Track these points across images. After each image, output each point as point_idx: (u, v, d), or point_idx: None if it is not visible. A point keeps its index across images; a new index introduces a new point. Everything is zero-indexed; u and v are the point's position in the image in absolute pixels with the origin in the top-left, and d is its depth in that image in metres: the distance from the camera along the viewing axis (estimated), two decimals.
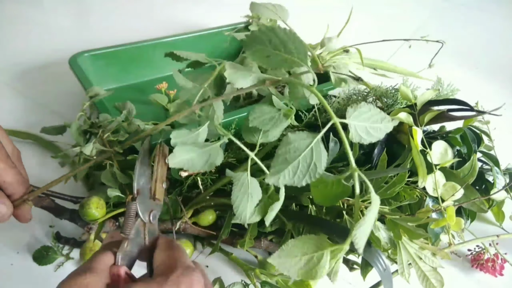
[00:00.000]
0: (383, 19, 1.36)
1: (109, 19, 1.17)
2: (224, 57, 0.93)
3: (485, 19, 1.42)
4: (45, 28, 1.10)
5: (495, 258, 0.61)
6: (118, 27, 1.13)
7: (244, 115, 0.69)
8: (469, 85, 1.00)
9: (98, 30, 1.11)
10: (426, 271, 0.50)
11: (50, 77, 0.91)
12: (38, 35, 1.06)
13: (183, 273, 0.34)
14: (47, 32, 1.08)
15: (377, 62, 0.89)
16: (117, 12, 1.21)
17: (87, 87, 0.72)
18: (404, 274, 0.50)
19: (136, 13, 1.20)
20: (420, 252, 0.51)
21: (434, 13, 1.43)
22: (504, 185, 0.62)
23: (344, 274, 0.59)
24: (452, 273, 0.62)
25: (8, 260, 0.56)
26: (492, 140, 0.65)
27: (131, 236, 0.39)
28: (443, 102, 0.64)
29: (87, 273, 0.34)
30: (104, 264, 0.36)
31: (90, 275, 0.34)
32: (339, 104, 0.71)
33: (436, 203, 0.55)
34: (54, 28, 1.11)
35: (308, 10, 1.35)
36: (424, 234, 0.49)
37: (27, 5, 1.18)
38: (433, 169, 0.54)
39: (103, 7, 1.23)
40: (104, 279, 0.34)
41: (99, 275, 0.34)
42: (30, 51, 1.00)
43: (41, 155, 0.73)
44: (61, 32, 1.09)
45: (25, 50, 1.00)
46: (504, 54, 1.22)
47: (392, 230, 0.51)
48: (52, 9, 1.20)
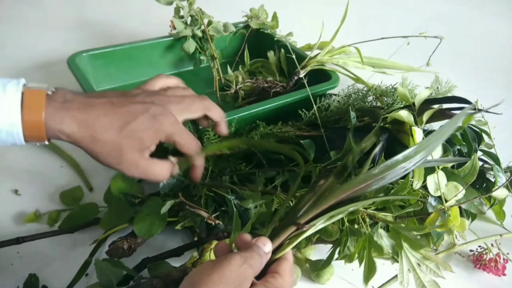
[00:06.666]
0: (383, 19, 1.36)
1: (107, 19, 1.17)
2: (223, 56, 0.93)
3: (485, 19, 1.42)
4: (45, 28, 1.10)
5: (497, 258, 0.61)
6: (117, 27, 1.13)
7: (244, 114, 0.69)
8: (469, 85, 1.00)
9: (96, 30, 1.10)
10: (426, 282, 0.49)
11: (50, 76, 0.91)
12: (37, 35, 1.06)
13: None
14: (47, 31, 1.08)
15: (376, 60, 0.89)
16: (116, 12, 1.21)
17: (85, 87, 0.72)
18: (404, 283, 0.50)
19: (135, 13, 1.20)
20: (422, 262, 0.50)
21: (434, 13, 1.43)
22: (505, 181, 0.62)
23: (344, 274, 0.59)
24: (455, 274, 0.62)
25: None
26: (493, 138, 0.65)
27: None
28: (442, 100, 0.64)
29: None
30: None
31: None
32: (338, 103, 0.71)
33: (439, 202, 0.54)
34: (53, 27, 1.10)
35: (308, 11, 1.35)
36: (426, 245, 0.49)
37: (26, 5, 1.18)
38: (435, 168, 0.54)
39: (102, 7, 1.23)
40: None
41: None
42: (29, 50, 0.99)
43: (41, 154, 0.72)
44: (60, 31, 1.09)
45: (24, 49, 1.00)
46: (504, 54, 1.22)
47: (394, 239, 0.51)
48: (52, 9, 1.20)
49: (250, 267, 0.37)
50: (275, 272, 0.39)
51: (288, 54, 0.84)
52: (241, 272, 0.36)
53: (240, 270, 0.36)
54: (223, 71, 0.89)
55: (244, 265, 0.36)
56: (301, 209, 0.43)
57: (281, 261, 0.40)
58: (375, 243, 0.49)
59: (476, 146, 0.63)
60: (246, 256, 0.37)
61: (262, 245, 0.39)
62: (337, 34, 0.82)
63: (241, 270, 0.36)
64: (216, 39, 0.87)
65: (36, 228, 0.58)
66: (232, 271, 0.35)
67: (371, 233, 0.50)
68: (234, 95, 0.86)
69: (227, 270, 0.35)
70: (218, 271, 0.35)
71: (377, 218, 0.50)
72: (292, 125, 0.67)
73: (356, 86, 0.77)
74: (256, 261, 0.38)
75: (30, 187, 0.66)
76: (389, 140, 0.60)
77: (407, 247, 0.50)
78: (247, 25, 0.96)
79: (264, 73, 0.93)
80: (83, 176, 0.69)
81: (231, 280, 0.35)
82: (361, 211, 0.51)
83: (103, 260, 0.49)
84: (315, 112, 0.66)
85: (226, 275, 0.35)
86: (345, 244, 0.50)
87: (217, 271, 0.35)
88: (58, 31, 1.09)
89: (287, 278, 0.39)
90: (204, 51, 0.87)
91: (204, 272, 0.35)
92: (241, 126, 0.68)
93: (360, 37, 0.81)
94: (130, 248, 0.53)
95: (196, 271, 0.36)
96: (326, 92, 0.80)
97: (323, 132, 0.63)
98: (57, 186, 0.67)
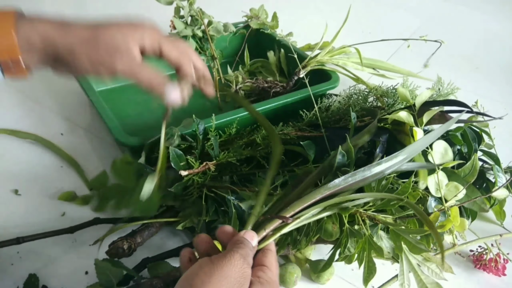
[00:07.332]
0: (383, 19, 1.36)
1: None
2: (223, 56, 0.93)
3: (485, 19, 1.42)
4: None
5: (497, 258, 0.61)
6: None
7: (244, 114, 0.69)
8: (469, 85, 1.00)
9: None
10: (428, 284, 0.49)
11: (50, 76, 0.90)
12: None
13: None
14: None
15: (376, 62, 0.89)
16: (116, 12, 1.21)
17: (85, 87, 0.72)
18: (404, 285, 0.50)
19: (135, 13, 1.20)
20: (422, 263, 0.50)
21: (434, 13, 1.42)
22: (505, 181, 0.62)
23: (344, 274, 0.59)
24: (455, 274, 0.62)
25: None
26: (493, 138, 0.65)
27: None
28: (443, 102, 0.64)
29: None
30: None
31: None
32: (339, 104, 0.71)
33: (439, 203, 0.54)
34: None
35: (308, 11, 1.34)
36: (426, 249, 0.48)
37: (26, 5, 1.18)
38: (436, 169, 0.54)
39: (102, 7, 1.23)
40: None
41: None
42: None
43: (41, 154, 0.72)
44: None
45: None
46: (504, 54, 1.22)
47: (394, 241, 0.51)
48: (52, 9, 1.20)
49: (248, 266, 0.36)
50: (262, 265, 0.38)
51: (289, 54, 0.84)
52: (242, 272, 0.35)
53: (241, 270, 0.35)
54: (223, 71, 0.89)
55: (244, 265, 0.35)
56: (287, 203, 0.45)
57: (267, 252, 0.40)
58: (375, 244, 0.49)
59: (476, 146, 0.63)
60: (244, 254, 0.36)
61: (251, 239, 0.39)
62: (338, 35, 0.82)
63: (242, 270, 0.35)
64: (216, 39, 0.87)
65: (36, 228, 0.58)
66: (233, 272, 0.34)
67: (371, 235, 0.50)
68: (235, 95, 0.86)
69: (228, 271, 0.34)
70: (219, 272, 0.34)
71: (377, 220, 0.50)
72: (293, 126, 0.67)
73: (358, 87, 0.77)
74: (250, 258, 0.38)
75: (30, 187, 0.66)
76: (389, 140, 0.60)
77: (406, 250, 0.50)
78: (247, 25, 0.96)
79: (264, 73, 0.93)
80: (83, 176, 0.69)
81: (233, 281, 0.34)
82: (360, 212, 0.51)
83: (103, 260, 0.49)
84: (316, 113, 0.66)
85: (227, 276, 0.34)
86: (345, 245, 0.50)
87: (217, 272, 0.34)
88: None
89: (274, 270, 0.39)
90: (204, 51, 0.87)
91: (204, 273, 0.34)
92: (242, 127, 0.68)
93: (360, 36, 0.81)
94: (130, 248, 0.53)
95: (195, 272, 0.35)
96: (326, 92, 0.80)
97: (324, 132, 0.63)
98: (57, 186, 0.67)
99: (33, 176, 0.68)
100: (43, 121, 0.79)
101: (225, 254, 0.36)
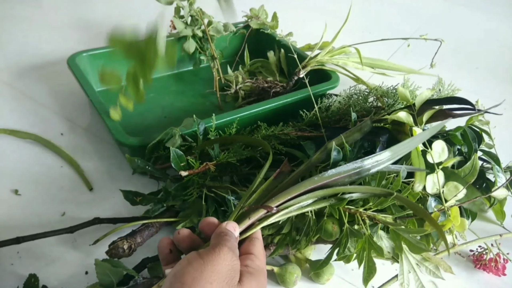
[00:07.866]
0: (383, 19, 1.36)
1: (107, 19, 1.17)
2: (223, 56, 0.93)
3: (485, 19, 1.42)
4: (45, 28, 1.10)
5: (497, 258, 0.61)
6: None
7: (244, 114, 0.69)
8: (469, 85, 1.00)
9: (96, 30, 1.10)
10: (425, 283, 0.49)
11: (50, 76, 0.91)
12: (37, 35, 1.06)
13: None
14: (46, 31, 1.08)
15: (376, 61, 0.89)
16: (116, 12, 1.21)
17: (85, 87, 0.72)
18: (404, 285, 0.50)
19: (134, 13, 1.20)
20: (421, 263, 0.50)
21: (434, 13, 1.42)
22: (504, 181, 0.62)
23: (344, 274, 0.59)
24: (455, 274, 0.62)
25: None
26: (493, 138, 0.65)
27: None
28: (444, 101, 0.64)
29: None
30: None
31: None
32: (339, 104, 0.71)
33: (439, 202, 0.54)
34: (53, 27, 1.10)
35: (307, 11, 1.34)
36: (425, 249, 0.48)
37: (27, 5, 1.18)
38: (435, 168, 0.54)
39: (102, 7, 1.23)
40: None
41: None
42: (29, 50, 0.99)
43: (41, 154, 0.72)
44: (60, 31, 1.09)
45: (24, 49, 1.00)
46: (504, 54, 1.22)
47: (393, 241, 0.51)
48: (52, 9, 1.20)
49: (237, 258, 0.36)
50: (250, 253, 0.38)
51: (289, 54, 0.84)
52: (232, 265, 0.35)
53: (231, 263, 0.35)
54: (223, 71, 0.89)
55: (234, 257, 0.35)
56: (274, 194, 0.45)
57: (254, 240, 0.40)
58: (375, 244, 0.49)
59: (476, 146, 0.63)
60: (231, 247, 0.36)
61: (233, 230, 0.39)
62: (338, 35, 0.82)
63: (232, 263, 0.35)
64: (216, 39, 0.87)
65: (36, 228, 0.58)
66: (224, 266, 0.34)
67: (371, 234, 0.50)
68: (234, 95, 0.86)
69: (218, 265, 0.34)
70: (210, 267, 0.33)
71: (377, 220, 0.50)
72: (293, 126, 0.67)
73: (358, 87, 0.77)
74: (237, 249, 0.37)
75: (30, 187, 0.66)
76: (389, 140, 0.60)
77: (406, 250, 0.50)
78: (247, 25, 0.96)
79: (264, 73, 0.93)
80: (83, 176, 0.69)
81: (224, 275, 0.34)
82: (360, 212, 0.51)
83: (103, 260, 0.49)
84: (316, 113, 0.66)
85: (218, 271, 0.34)
86: (345, 245, 0.50)
87: (208, 267, 0.33)
88: (58, 31, 1.09)
89: (262, 258, 0.39)
90: (204, 51, 0.87)
91: (194, 269, 0.33)
92: (241, 127, 0.68)
93: (360, 36, 0.81)
94: (130, 248, 0.53)
95: (185, 270, 0.34)
96: (326, 92, 0.80)
97: (324, 132, 0.63)
98: (57, 186, 0.67)
99: (33, 176, 0.68)
100: (43, 121, 0.79)
101: (214, 248, 0.35)
